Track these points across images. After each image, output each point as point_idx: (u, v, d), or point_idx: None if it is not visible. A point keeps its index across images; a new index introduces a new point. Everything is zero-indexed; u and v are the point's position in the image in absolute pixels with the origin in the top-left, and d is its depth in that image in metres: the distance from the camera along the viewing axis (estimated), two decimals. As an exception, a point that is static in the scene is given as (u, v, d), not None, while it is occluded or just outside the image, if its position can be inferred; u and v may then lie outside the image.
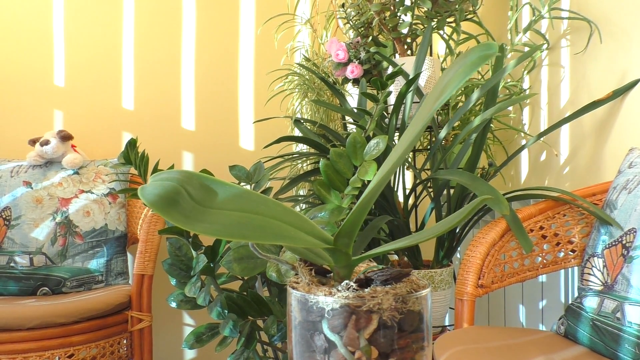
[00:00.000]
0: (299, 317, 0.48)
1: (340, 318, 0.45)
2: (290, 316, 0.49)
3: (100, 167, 1.87)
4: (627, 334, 0.99)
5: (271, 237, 0.47)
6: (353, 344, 0.45)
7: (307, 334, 0.47)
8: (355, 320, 0.45)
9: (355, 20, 1.70)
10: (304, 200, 1.49)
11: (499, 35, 1.98)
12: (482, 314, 2.05)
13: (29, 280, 1.67)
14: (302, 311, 0.47)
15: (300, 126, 1.67)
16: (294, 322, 0.48)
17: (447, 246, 1.53)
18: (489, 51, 0.50)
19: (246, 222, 0.47)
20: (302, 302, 0.47)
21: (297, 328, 0.48)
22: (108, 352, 1.54)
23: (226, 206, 0.47)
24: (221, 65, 2.12)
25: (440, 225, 0.49)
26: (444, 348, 1.04)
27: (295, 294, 0.48)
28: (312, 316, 0.46)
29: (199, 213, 0.44)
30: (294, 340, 0.48)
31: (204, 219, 0.44)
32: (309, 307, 0.47)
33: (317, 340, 0.46)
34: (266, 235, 0.47)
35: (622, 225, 1.11)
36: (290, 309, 0.49)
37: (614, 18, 1.45)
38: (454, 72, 0.51)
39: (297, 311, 0.48)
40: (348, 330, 0.45)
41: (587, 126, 1.56)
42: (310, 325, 0.47)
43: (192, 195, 0.45)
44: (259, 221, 0.47)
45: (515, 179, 1.95)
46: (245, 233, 0.46)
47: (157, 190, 0.43)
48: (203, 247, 1.15)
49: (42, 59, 1.99)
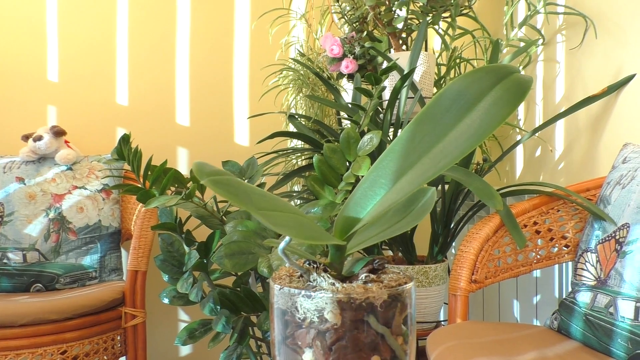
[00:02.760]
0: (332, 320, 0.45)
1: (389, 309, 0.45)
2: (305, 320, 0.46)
3: (93, 162, 1.86)
4: (620, 328, 0.99)
5: (310, 235, 0.46)
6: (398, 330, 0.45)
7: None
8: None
9: (350, 15, 1.69)
10: (298, 196, 1.49)
11: (494, 30, 1.97)
12: (476, 309, 2.05)
13: (22, 277, 1.67)
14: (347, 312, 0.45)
15: (295, 121, 1.67)
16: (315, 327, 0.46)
17: (441, 242, 1.53)
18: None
19: (295, 221, 0.45)
20: (344, 302, 0.45)
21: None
22: (101, 349, 1.54)
23: (264, 206, 0.45)
24: (216, 60, 2.11)
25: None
26: (437, 343, 1.04)
27: (335, 296, 0.44)
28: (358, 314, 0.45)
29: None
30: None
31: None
32: (357, 305, 0.45)
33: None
34: (305, 232, 0.45)
35: (616, 221, 1.11)
36: (308, 316, 0.46)
37: (609, 13, 1.45)
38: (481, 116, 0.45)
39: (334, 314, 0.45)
40: (396, 319, 0.45)
41: (582, 122, 1.56)
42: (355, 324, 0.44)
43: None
44: (300, 219, 0.46)
45: (510, 174, 1.95)
46: (299, 232, 0.45)
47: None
48: (196, 243, 1.14)
49: (36, 54, 1.98)
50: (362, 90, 1.25)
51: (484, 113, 0.45)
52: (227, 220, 1.09)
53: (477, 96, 0.46)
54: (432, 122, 0.47)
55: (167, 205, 1.05)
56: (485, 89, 0.46)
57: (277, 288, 0.47)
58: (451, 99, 0.47)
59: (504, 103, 0.44)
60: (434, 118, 0.47)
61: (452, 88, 0.47)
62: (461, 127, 0.45)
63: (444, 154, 0.45)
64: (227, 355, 1.12)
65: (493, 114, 0.44)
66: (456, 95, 0.46)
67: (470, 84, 0.46)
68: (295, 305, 0.45)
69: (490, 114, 0.44)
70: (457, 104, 0.46)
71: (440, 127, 0.46)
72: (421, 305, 1.48)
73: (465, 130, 0.45)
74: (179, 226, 1.15)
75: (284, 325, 0.46)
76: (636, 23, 1.36)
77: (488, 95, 0.45)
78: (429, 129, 0.47)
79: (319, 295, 0.44)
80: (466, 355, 0.96)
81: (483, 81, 0.46)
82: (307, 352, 0.45)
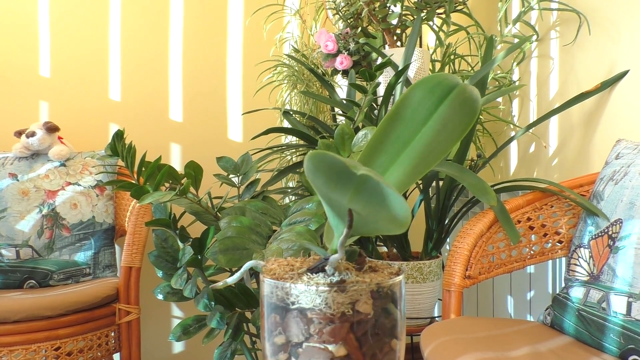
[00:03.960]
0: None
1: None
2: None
3: (87, 159, 1.85)
4: (612, 323, 1.00)
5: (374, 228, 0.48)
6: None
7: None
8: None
9: (345, 11, 1.69)
10: (293, 192, 1.49)
11: (488, 26, 1.98)
12: (471, 305, 2.06)
13: (16, 273, 1.66)
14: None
15: (289, 118, 1.66)
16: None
17: (436, 237, 1.53)
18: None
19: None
20: (375, 292, 0.46)
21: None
22: (95, 345, 1.53)
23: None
24: (209, 56, 2.10)
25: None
26: (430, 338, 1.04)
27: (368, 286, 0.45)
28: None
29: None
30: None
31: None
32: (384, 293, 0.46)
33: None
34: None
35: (609, 216, 1.11)
36: (342, 310, 0.45)
37: (603, 9, 1.45)
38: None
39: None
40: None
41: (575, 118, 1.57)
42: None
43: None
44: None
45: (505, 170, 1.96)
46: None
47: None
48: (190, 239, 1.14)
49: (27, 49, 1.97)
50: (357, 87, 1.25)
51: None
52: (221, 216, 1.09)
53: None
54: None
55: (161, 201, 1.05)
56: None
57: (301, 288, 0.45)
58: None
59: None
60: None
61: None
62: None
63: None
64: (221, 351, 1.12)
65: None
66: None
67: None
68: (327, 301, 0.45)
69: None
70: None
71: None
72: (415, 301, 1.49)
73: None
74: (173, 222, 1.14)
75: (306, 325, 0.45)
76: (629, 19, 1.36)
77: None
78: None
79: (352, 288, 0.45)
80: (460, 350, 0.97)
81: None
82: (338, 347, 0.45)
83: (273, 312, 0.47)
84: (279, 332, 0.46)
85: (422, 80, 0.48)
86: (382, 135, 0.49)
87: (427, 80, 0.48)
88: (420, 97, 0.49)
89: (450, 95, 0.48)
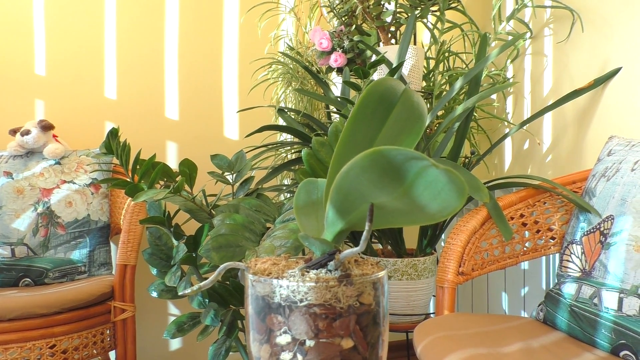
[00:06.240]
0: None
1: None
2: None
3: (82, 157, 1.85)
4: (604, 319, 1.00)
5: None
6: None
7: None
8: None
9: (339, 9, 1.69)
10: (287, 190, 1.49)
11: (482, 24, 1.98)
12: (465, 301, 2.07)
13: (11, 272, 1.66)
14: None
15: (284, 115, 1.67)
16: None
17: (430, 234, 1.54)
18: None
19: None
20: (375, 283, 0.49)
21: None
22: (91, 343, 1.54)
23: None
24: (205, 53, 2.10)
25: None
26: (423, 335, 1.05)
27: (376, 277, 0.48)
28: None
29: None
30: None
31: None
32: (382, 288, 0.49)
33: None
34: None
35: (601, 213, 1.12)
36: (350, 302, 0.46)
37: (596, 7, 1.46)
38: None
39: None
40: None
41: (569, 115, 1.57)
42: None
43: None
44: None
45: (499, 167, 1.97)
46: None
47: None
48: (185, 236, 1.14)
49: (23, 47, 1.96)
50: (351, 84, 1.25)
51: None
52: (215, 214, 1.09)
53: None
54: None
55: (156, 199, 1.05)
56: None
57: (308, 285, 0.46)
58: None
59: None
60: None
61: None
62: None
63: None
64: (216, 348, 1.13)
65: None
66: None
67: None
68: (337, 296, 0.46)
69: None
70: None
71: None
72: (410, 298, 1.49)
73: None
74: (167, 220, 1.15)
75: (314, 321, 0.45)
76: (622, 16, 1.37)
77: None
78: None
79: (359, 281, 0.47)
80: (452, 346, 0.97)
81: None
82: (346, 339, 0.46)
83: (272, 312, 0.47)
84: (283, 331, 0.46)
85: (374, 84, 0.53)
86: (350, 133, 0.52)
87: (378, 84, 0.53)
88: (376, 100, 0.53)
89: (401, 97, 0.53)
